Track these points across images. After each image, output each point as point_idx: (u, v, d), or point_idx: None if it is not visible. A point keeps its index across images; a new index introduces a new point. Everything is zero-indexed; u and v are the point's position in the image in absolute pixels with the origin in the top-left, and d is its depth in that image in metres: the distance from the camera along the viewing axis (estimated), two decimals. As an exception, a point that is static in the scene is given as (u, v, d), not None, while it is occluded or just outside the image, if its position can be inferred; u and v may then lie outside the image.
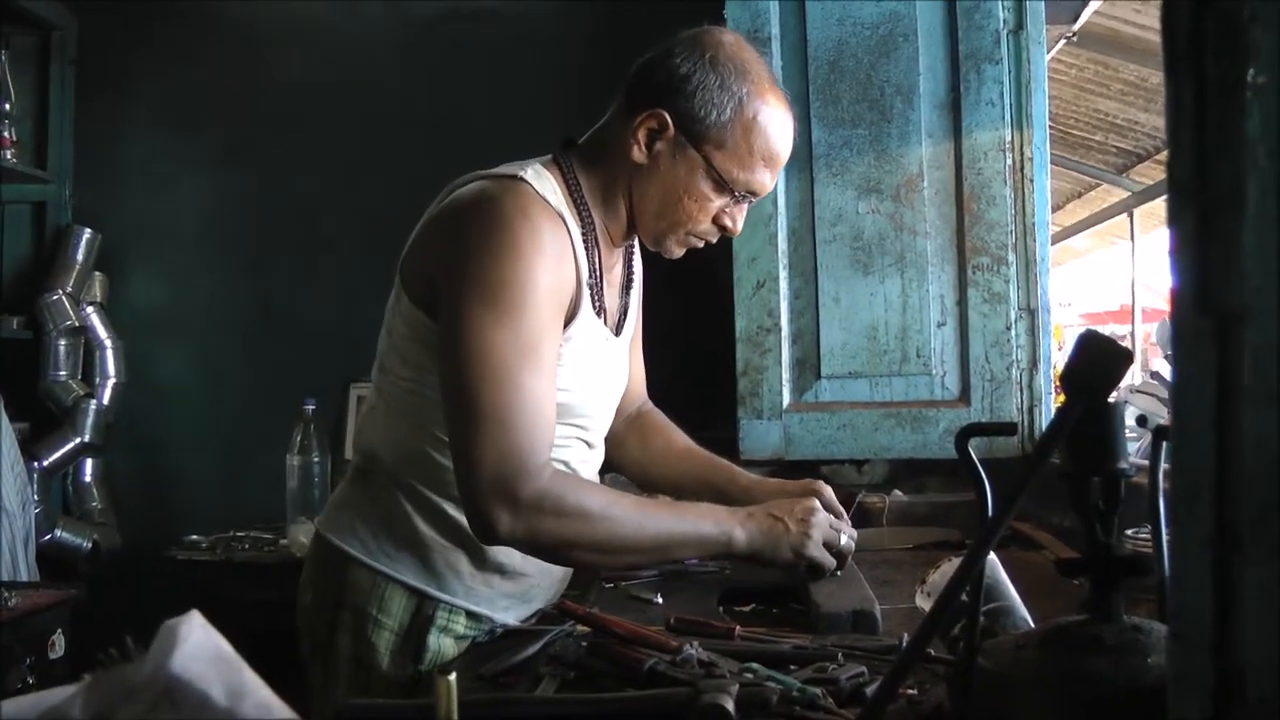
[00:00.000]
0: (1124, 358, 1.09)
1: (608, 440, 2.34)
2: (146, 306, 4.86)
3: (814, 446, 3.33)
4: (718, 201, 2.05)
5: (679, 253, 2.15)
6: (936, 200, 3.29)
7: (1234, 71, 0.59)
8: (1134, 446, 5.88)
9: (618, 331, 2.18)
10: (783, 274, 3.35)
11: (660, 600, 2.13)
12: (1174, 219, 0.64)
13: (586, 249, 2.02)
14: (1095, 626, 1.15)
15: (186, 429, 4.82)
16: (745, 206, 2.10)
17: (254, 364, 4.74)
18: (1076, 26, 7.54)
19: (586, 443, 2.16)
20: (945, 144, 3.28)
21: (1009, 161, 3.24)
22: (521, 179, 1.95)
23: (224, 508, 4.55)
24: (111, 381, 4.74)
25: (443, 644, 2.03)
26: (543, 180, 1.98)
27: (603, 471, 2.32)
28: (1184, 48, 0.62)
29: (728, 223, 2.09)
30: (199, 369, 4.83)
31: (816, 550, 2.04)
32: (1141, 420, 1.65)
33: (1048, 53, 4.70)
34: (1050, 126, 3.45)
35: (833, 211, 3.33)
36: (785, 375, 3.35)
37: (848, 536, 2.11)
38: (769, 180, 2.07)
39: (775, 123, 2.03)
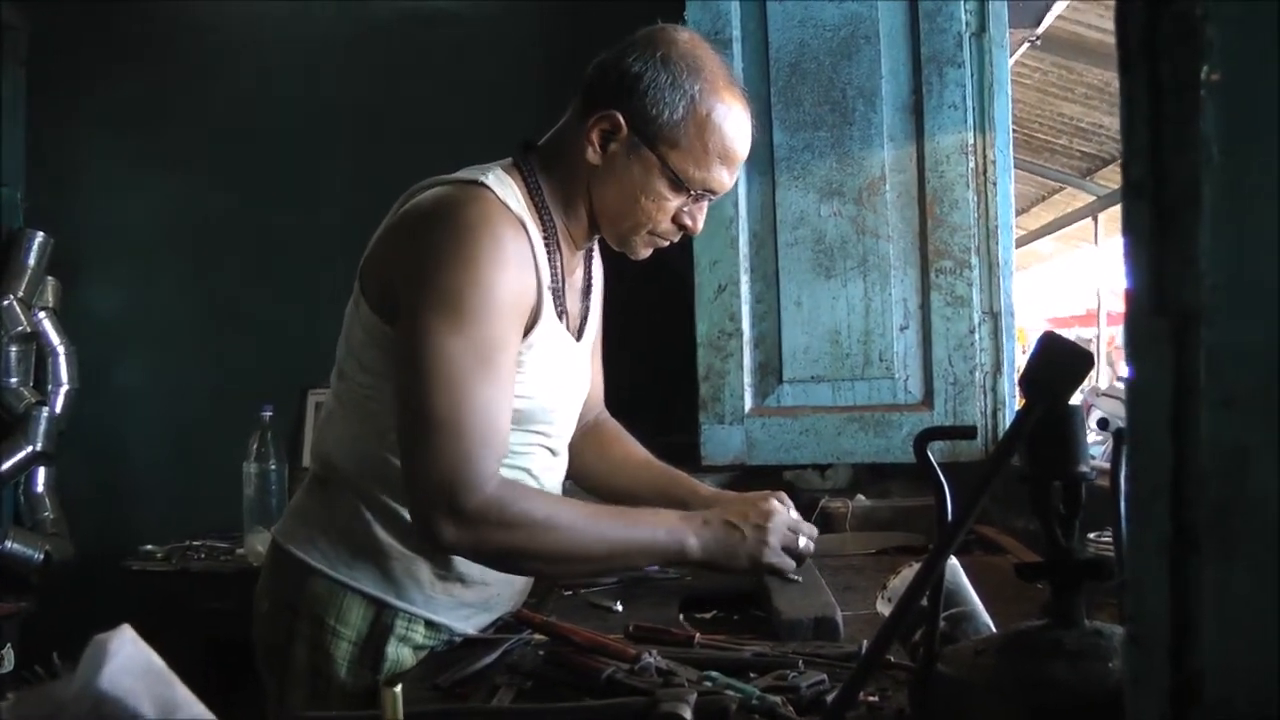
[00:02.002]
0: (1084, 360, 1.10)
1: None
2: (100, 312, 4.82)
3: (776, 452, 3.33)
4: (675, 201, 2.04)
5: (645, 253, 2.14)
6: (899, 203, 3.29)
7: (1188, 69, 0.59)
8: (1099, 450, 5.92)
9: (579, 336, 2.17)
10: (744, 278, 3.35)
11: (620, 608, 2.12)
12: (1129, 219, 0.64)
13: (549, 253, 2.01)
14: (1056, 631, 1.15)
15: (141, 437, 4.79)
16: (705, 205, 2.10)
17: (210, 370, 4.71)
18: (1040, 30, 7.58)
19: (550, 449, 2.15)
20: (907, 147, 3.28)
21: (972, 165, 3.24)
22: (483, 184, 1.95)
23: (180, 517, 4.52)
24: (64, 388, 4.70)
25: (401, 654, 2.02)
26: (504, 185, 1.98)
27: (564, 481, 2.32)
28: (1138, 46, 0.62)
29: (688, 222, 2.08)
30: (154, 376, 4.79)
31: (774, 557, 2.04)
32: (1103, 423, 1.66)
33: (1011, 56, 4.72)
34: (1014, 130, 3.47)
35: (794, 214, 3.33)
36: (747, 380, 3.34)
37: (806, 538, 2.10)
38: (727, 178, 2.06)
39: (731, 120, 2.02)
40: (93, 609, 3.36)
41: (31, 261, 4.64)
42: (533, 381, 2.00)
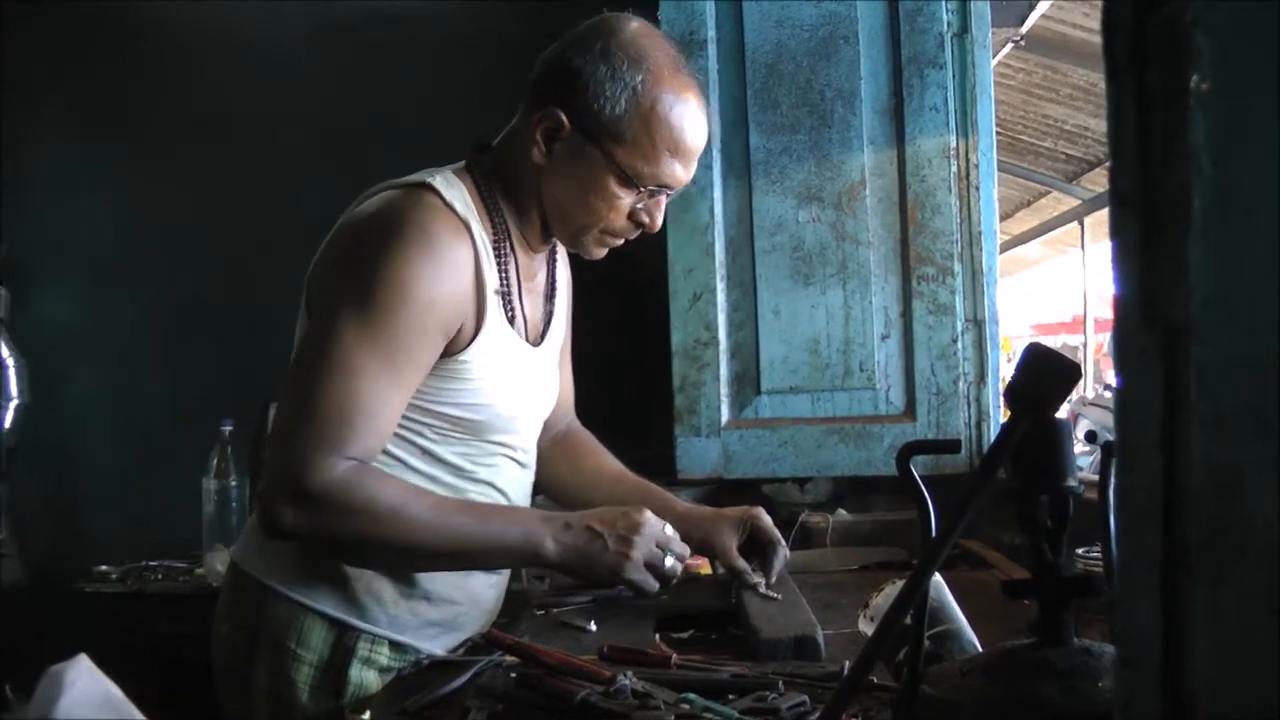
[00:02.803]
0: (1071, 372, 1.10)
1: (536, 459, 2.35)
2: (52, 323, 4.78)
3: (754, 465, 3.33)
4: (628, 198, 2.04)
5: (599, 253, 2.14)
6: (879, 209, 3.30)
7: (1177, 78, 0.60)
8: (1086, 461, 5.95)
9: (540, 340, 2.17)
10: (720, 285, 3.35)
11: (594, 627, 2.12)
12: (1117, 230, 0.65)
13: (498, 257, 2.02)
14: (1044, 650, 1.15)
15: (95, 453, 4.75)
16: (662, 200, 2.09)
17: (167, 383, 4.67)
18: (1024, 30, 7.64)
19: (516, 461, 2.15)
20: (888, 150, 3.30)
21: (954, 169, 3.26)
22: (429, 186, 1.96)
23: (136, 536, 4.48)
24: (14, 403, 4.65)
25: (365, 677, 2.02)
26: (452, 187, 1.99)
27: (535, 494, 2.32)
28: (1125, 54, 0.63)
29: (644, 219, 2.08)
30: (108, 389, 4.76)
31: (636, 572, 2.02)
32: (1090, 436, 1.66)
33: (994, 57, 4.75)
34: (998, 132, 3.48)
35: (772, 220, 3.33)
36: (724, 391, 3.35)
37: (674, 558, 2.07)
38: (681, 172, 2.05)
39: (678, 111, 2.01)
40: (45, 633, 3.34)
41: (-21, 270, 4.61)
42: (484, 389, 2.01)
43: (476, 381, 1.99)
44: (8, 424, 4.63)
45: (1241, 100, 0.60)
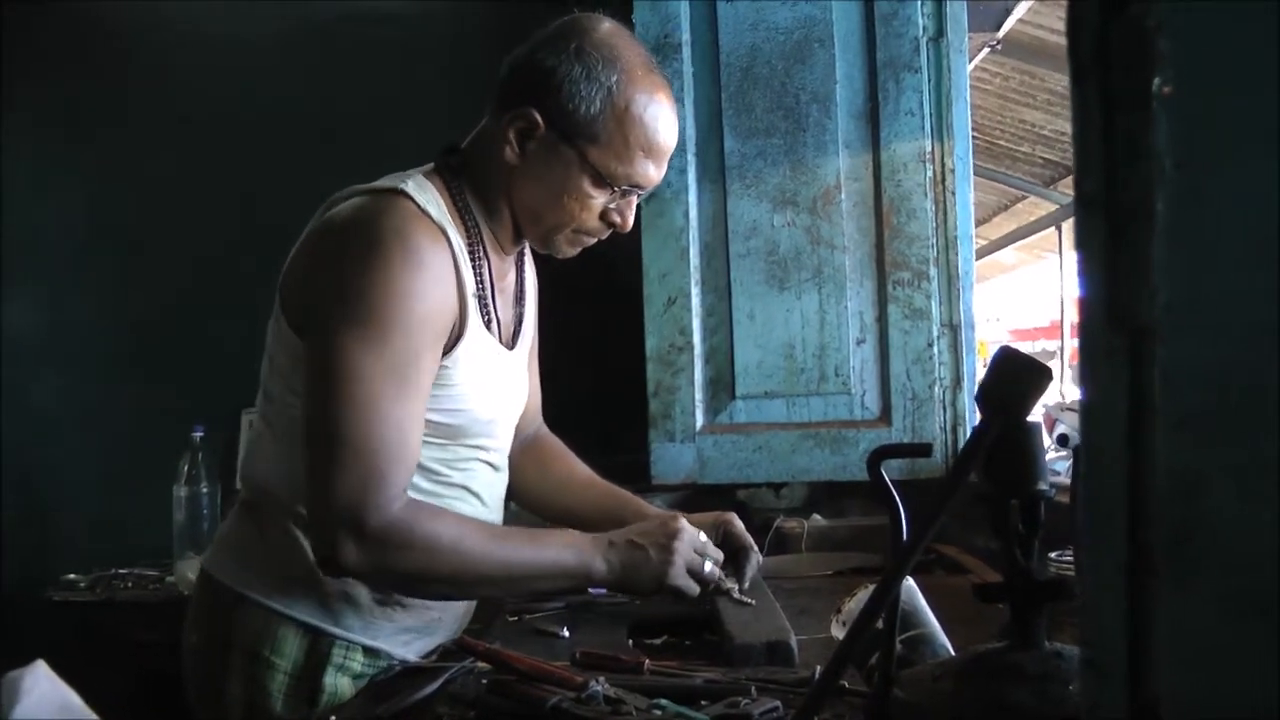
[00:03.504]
0: (1041, 375, 1.11)
1: None
2: (19, 328, 4.74)
3: (729, 470, 3.33)
4: (600, 198, 2.04)
5: (571, 252, 2.15)
6: (855, 213, 3.31)
7: (1140, 81, 0.60)
8: (1063, 465, 5.96)
9: (513, 344, 2.18)
10: (695, 290, 3.35)
11: (567, 633, 2.12)
12: (1082, 233, 0.65)
13: (473, 260, 2.02)
14: (1015, 654, 1.16)
15: (64, 459, 4.72)
16: (634, 200, 2.09)
17: (137, 389, 4.64)
18: (1001, 34, 7.64)
19: (490, 464, 2.15)
20: (863, 155, 3.30)
21: (930, 173, 3.27)
22: (402, 192, 1.95)
23: (105, 544, 4.46)
24: (-19, 410, 4.64)
25: (340, 684, 2.01)
26: (424, 192, 1.98)
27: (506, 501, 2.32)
28: (1089, 57, 0.63)
29: (616, 219, 2.09)
30: (77, 395, 4.72)
31: (680, 579, 2.03)
32: (1063, 440, 1.67)
33: (970, 61, 4.76)
34: (974, 137, 3.49)
35: (747, 224, 3.34)
36: (698, 396, 3.35)
37: (712, 563, 2.08)
38: (653, 171, 2.06)
39: (652, 111, 2.02)
40: (12, 643, 3.32)
41: (-54, 276, 4.59)
42: (464, 394, 2.01)
43: (458, 386, 1.99)
44: (-25, 431, 4.61)
45: (1203, 103, 0.60)
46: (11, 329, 4.73)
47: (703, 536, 2.10)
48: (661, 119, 2.03)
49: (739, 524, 2.29)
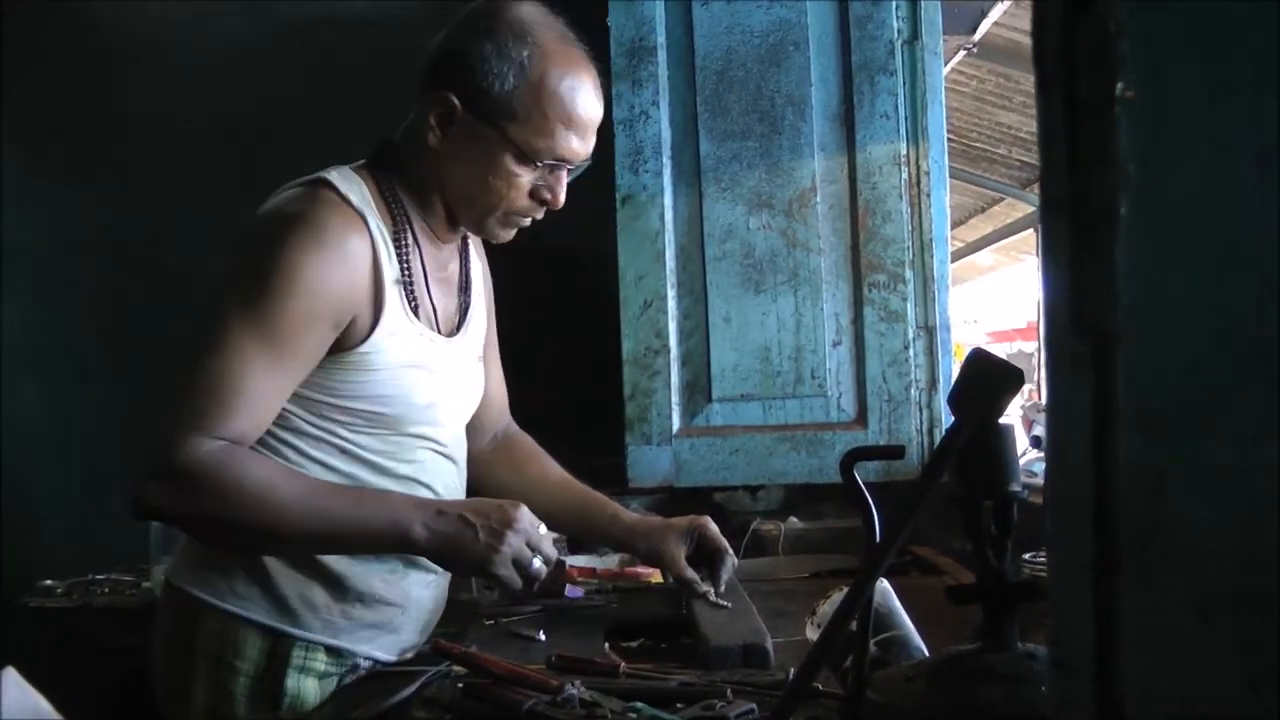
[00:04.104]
0: (1013, 377, 1.12)
1: (474, 463, 2.34)
2: (2, 334, 4.73)
3: (706, 473, 3.34)
4: (526, 175, 2.04)
5: (505, 235, 2.15)
6: (830, 216, 3.32)
7: (1104, 86, 0.61)
8: (1040, 467, 5.97)
9: (455, 332, 2.18)
10: (671, 293, 3.36)
11: (543, 637, 2.12)
12: (1048, 237, 0.66)
13: (399, 248, 2.03)
14: (988, 655, 1.17)
15: (38, 464, 4.70)
16: (563, 175, 2.08)
17: (112, 392, 4.62)
18: (976, 37, 7.67)
19: (443, 455, 2.15)
20: (839, 157, 3.31)
21: (905, 176, 3.28)
22: (324, 179, 1.99)
23: (81, 549, 4.43)
24: (-43, 416, 4.62)
25: (303, 685, 2.01)
26: (349, 181, 2.01)
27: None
28: (1054, 62, 0.64)
29: (546, 195, 2.07)
30: (52, 398, 4.70)
31: (503, 568, 1.94)
32: (1036, 441, 1.68)
33: (946, 64, 4.79)
34: (951, 139, 3.51)
35: (722, 227, 3.34)
36: (675, 399, 3.35)
37: (541, 560, 1.99)
38: (576, 144, 2.05)
39: (568, 83, 2.02)
40: (-13, 647, 3.30)
41: (-79, 281, 4.56)
42: (389, 380, 2.01)
43: (382, 372, 1.99)
44: (-50, 437, 4.59)
45: (1165, 108, 0.61)
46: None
47: (543, 529, 2.03)
48: (579, 90, 2.03)
49: (713, 527, 2.30)
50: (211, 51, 4.65)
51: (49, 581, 4.22)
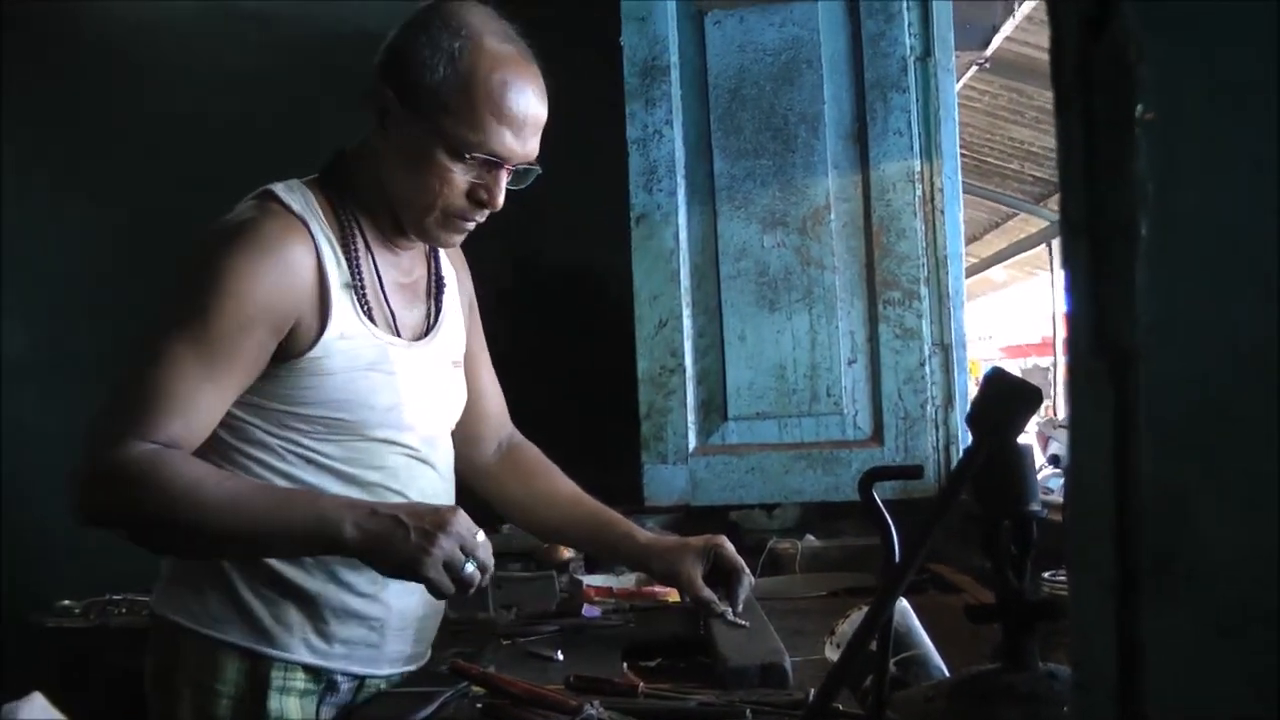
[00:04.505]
0: (1031, 397, 1.11)
1: (481, 476, 2.36)
2: (8, 351, 4.74)
3: (722, 491, 3.34)
4: (461, 172, 2.00)
5: (449, 239, 2.13)
6: (844, 233, 3.33)
7: (1122, 107, 0.61)
8: (1056, 483, 5.96)
9: (421, 337, 2.16)
10: (685, 312, 3.37)
11: (561, 657, 2.12)
12: (1068, 257, 0.66)
13: (347, 253, 2.02)
14: (1008, 675, 1.16)
15: (55, 484, 4.67)
16: (501, 176, 2.03)
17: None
18: (988, 52, 7.68)
19: (418, 459, 2.12)
20: (852, 175, 3.32)
21: (919, 192, 3.28)
22: (268, 190, 2.02)
23: (98, 569, 4.41)
24: (-31, 436, 4.62)
25: (285, 705, 2.00)
26: (292, 191, 2.03)
27: (489, 515, 2.30)
28: (1072, 83, 0.64)
29: (483, 195, 2.03)
30: (67, 418, 4.68)
31: (433, 570, 1.86)
32: (1054, 460, 1.68)
33: (959, 80, 4.79)
34: (964, 155, 3.51)
35: (736, 246, 3.35)
36: (690, 418, 3.36)
37: (475, 565, 1.90)
38: (512, 140, 2.00)
39: (500, 76, 1.97)
40: (4, 670, 3.31)
41: (-67, 302, 4.57)
42: (345, 385, 1.99)
43: (337, 376, 1.98)
44: (-35, 457, 4.59)
45: (1183, 130, 0.61)
46: (4, 352, 4.71)
47: (480, 537, 1.93)
48: (512, 85, 1.99)
49: (729, 547, 2.29)
50: (225, 68, 4.64)
51: (66, 601, 4.21)
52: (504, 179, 2.03)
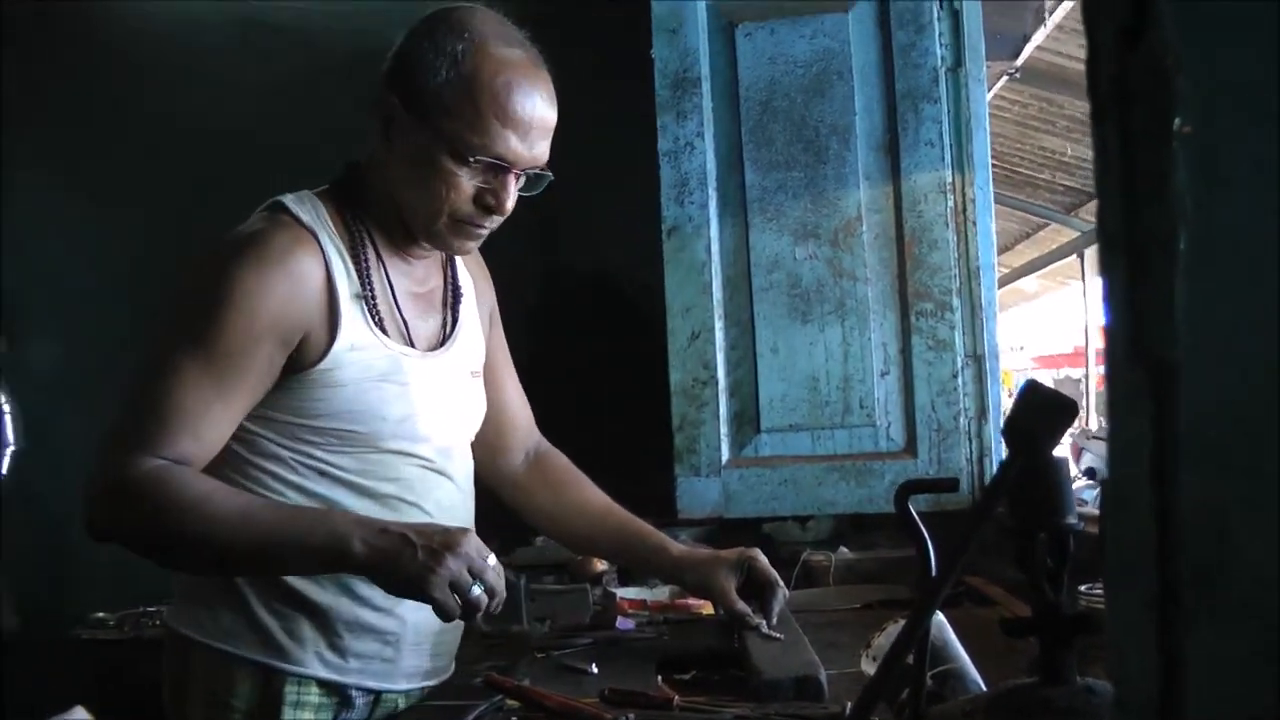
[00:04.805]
0: (1067, 410, 1.11)
1: (510, 486, 2.36)
2: (46, 366, 4.76)
3: (755, 504, 3.33)
4: (466, 176, 1.97)
5: (462, 245, 2.10)
6: (876, 245, 3.32)
7: (1160, 120, 0.61)
8: (1090, 494, 5.93)
9: (437, 347, 2.14)
10: (718, 324, 3.36)
11: (595, 670, 2.12)
12: (1105, 270, 0.65)
13: (358, 264, 2.01)
14: (1045, 689, 1.15)
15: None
16: (508, 181, 1.99)
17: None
18: (1019, 62, 7.66)
19: (435, 471, 2.10)
20: (884, 186, 3.31)
21: (950, 203, 3.27)
22: (277, 202, 2.01)
23: (132, 581, 4.43)
24: (9, 449, 4.65)
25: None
26: (302, 202, 2.02)
27: (523, 528, 2.29)
28: (1109, 94, 0.64)
29: (490, 200, 1.99)
30: (98, 432, 4.71)
31: (439, 590, 1.83)
32: (1090, 473, 1.67)
33: (989, 90, 4.77)
34: (994, 165, 3.50)
35: (769, 258, 3.35)
36: (723, 430, 3.35)
37: (481, 589, 1.86)
38: (517, 144, 1.97)
39: (504, 79, 1.94)
40: (41, 682, 3.32)
41: (-30, 318, 4.61)
42: (357, 396, 1.97)
43: (348, 388, 1.96)
44: (3, 470, 4.62)
45: (1222, 143, 0.61)
46: (38, 367, 4.74)
47: (491, 560, 1.90)
48: (517, 88, 1.96)
49: (763, 559, 2.28)
50: (250, 86, 4.64)
51: (100, 614, 4.23)
52: (512, 183, 2.00)
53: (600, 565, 2.90)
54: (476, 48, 1.94)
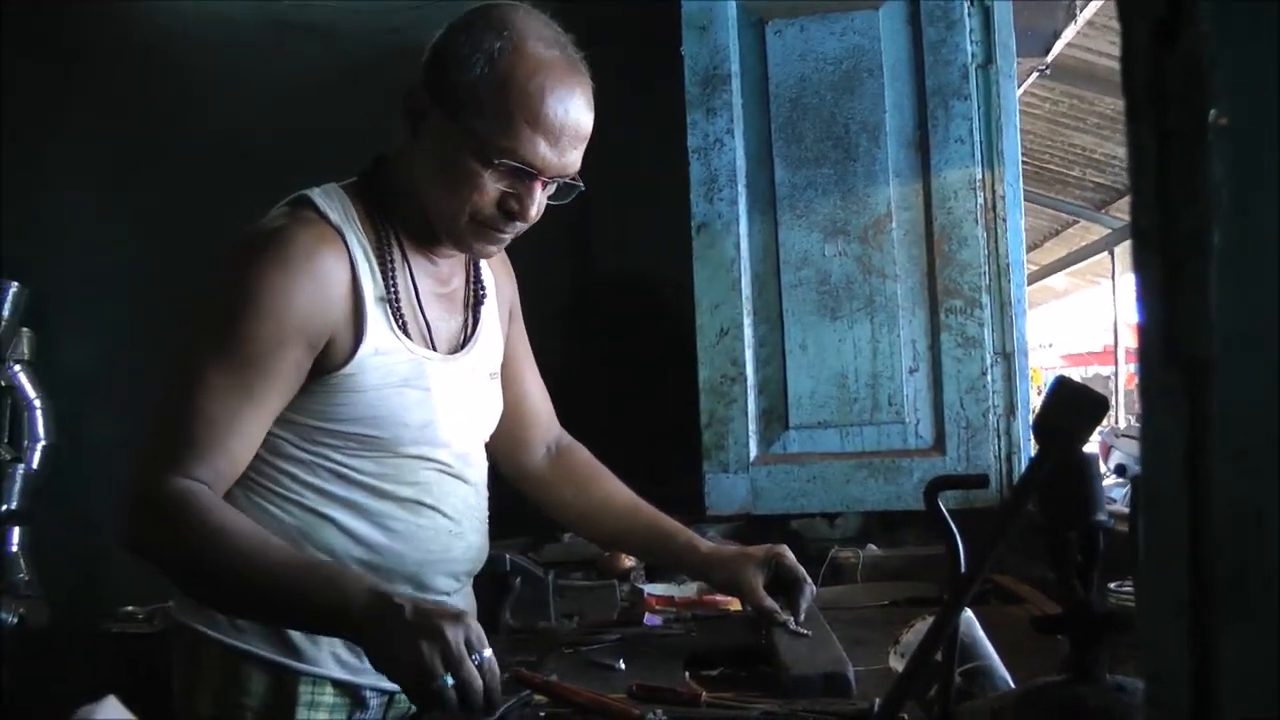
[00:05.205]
0: (1098, 406, 1.10)
1: (532, 481, 2.36)
2: (78, 364, 4.78)
3: (783, 500, 3.33)
4: (491, 179, 1.90)
5: (484, 249, 2.05)
6: (906, 241, 3.31)
7: (1196, 115, 0.60)
8: (1119, 492, 5.90)
9: (458, 349, 2.11)
10: (747, 320, 3.36)
11: (623, 666, 2.12)
12: (1139, 268, 0.65)
13: (383, 264, 1.97)
14: (1076, 687, 1.15)
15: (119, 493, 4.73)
16: (535, 187, 1.93)
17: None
18: (1049, 59, 7.63)
19: (453, 475, 2.08)
20: (913, 183, 3.31)
21: (980, 200, 3.26)
22: (305, 197, 1.97)
23: (161, 576, 4.47)
24: (41, 444, 4.67)
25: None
26: (330, 199, 1.97)
27: (551, 524, 2.29)
28: (1144, 91, 0.63)
29: (513, 206, 1.93)
30: (133, 428, 4.72)
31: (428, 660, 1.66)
32: (1120, 470, 1.66)
33: (1019, 86, 4.75)
34: (1024, 162, 3.48)
35: (798, 254, 3.34)
36: (751, 426, 3.35)
37: (453, 685, 1.65)
38: (546, 150, 1.90)
39: (538, 81, 1.87)
40: (70, 675, 3.34)
41: (5, 313, 4.63)
42: (378, 401, 1.95)
43: (370, 393, 1.93)
44: (35, 465, 4.65)
45: (1259, 137, 0.60)
46: (70, 365, 4.76)
47: (488, 653, 1.70)
48: (550, 91, 1.88)
49: (790, 556, 2.27)
50: (284, 88, 4.65)
51: (130, 608, 4.25)
52: (538, 191, 1.94)
53: (628, 562, 2.90)
54: (514, 46, 1.87)
